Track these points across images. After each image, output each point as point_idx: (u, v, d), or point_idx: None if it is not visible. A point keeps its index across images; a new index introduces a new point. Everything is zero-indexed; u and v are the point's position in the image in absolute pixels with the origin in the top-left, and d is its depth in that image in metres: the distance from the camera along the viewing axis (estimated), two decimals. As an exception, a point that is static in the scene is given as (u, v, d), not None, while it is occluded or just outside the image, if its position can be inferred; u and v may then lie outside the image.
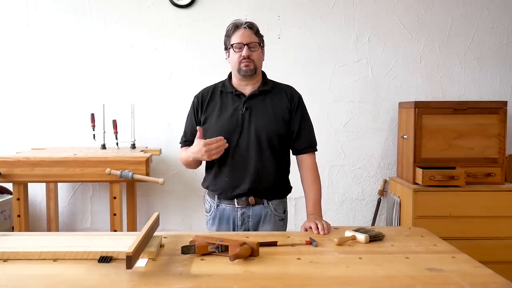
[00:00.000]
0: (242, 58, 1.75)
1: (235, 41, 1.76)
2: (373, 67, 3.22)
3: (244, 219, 1.82)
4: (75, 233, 1.57)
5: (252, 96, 1.81)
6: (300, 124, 1.84)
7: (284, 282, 1.17)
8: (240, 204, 1.81)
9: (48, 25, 3.14)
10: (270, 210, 1.83)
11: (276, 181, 1.84)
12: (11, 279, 1.18)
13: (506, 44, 3.23)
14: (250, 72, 1.77)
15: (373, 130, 3.24)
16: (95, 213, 3.22)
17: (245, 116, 1.78)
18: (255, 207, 1.81)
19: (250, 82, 1.82)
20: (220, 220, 1.85)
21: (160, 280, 1.17)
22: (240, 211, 1.81)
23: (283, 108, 1.82)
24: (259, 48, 1.79)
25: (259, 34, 1.82)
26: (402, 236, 1.60)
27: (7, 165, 2.50)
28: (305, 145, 1.86)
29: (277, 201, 1.86)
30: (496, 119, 2.86)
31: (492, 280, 1.18)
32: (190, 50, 3.17)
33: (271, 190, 1.83)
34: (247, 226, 1.83)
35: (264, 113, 1.79)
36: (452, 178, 2.77)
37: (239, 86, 1.84)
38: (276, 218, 1.85)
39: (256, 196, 1.81)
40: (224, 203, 1.84)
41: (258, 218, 1.82)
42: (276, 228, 1.85)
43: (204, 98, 1.87)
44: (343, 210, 3.27)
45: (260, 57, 1.81)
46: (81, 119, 3.07)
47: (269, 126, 1.78)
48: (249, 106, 1.80)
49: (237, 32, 1.77)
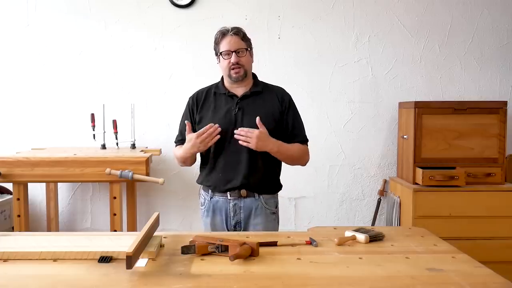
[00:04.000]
0: (232, 64, 1.85)
1: (223, 49, 1.86)
2: (373, 67, 3.22)
3: (236, 210, 1.89)
4: (75, 233, 1.57)
5: (244, 97, 1.91)
6: (293, 124, 1.94)
7: (284, 282, 1.17)
8: (232, 196, 1.88)
9: (48, 25, 3.14)
10: (261, 203, 1.90)
11: (266, 177, 1.92)
12: (11, 279, 1.18)
13: (506, 44, 3.23)
14: (240, 77, 1.88)
15: (373, 130, 3.24)
16: (95, 213, 3.22)
17: (238, 115, 1.87)
18: (246, 199, 1.89)
19: (242, 84, 1.92)
20: (213, 211, 1.93)
21: (160, 280, 1.17)
22: (232, 203, 1.89)
23: (274, 108, 1.91)
24: (246, 53, 1.89)
25: (246, 38, 1.91)
26: (402, 236, 1.60)
27: (7, 165, 2.50)
28: (296, 139, 1.94)
29: (268, 196, 1.93)
30: (496, 119, 2.86)
31: (492, 280, 1.18)
32: (190, 50, 3.17)
33: (262, 185, 1.91)
34: (239, 218, 1.90)
35: (256, 113, 1.85)
36: (452, 178, 2.77)
37: (231, 88, 1.93)
38: (268, 211, 1.92)
39: (248, 190, 1.88)
40: (217, 196, 1.91)
41: (249, 210, 1.89)
42: (268, 221, 1.91)
43: (199, 99, 1.96)
44: (343, 210, 3.27)
45: (248, 61, 1.91)
46: (81, 119, 3.07)
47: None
48: (242, 107, 1.89)
49: (224, 40, 1.86)
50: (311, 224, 3.20)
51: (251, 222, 1.89)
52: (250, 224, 1.90)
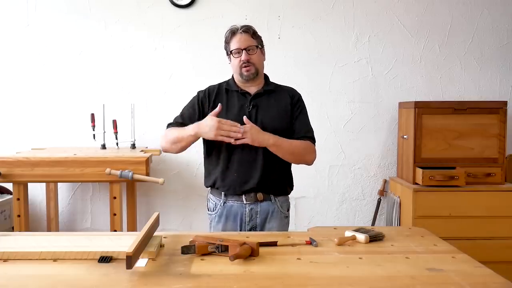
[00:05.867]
0: (242, 62, 1.82)
1: (234, 47, 1.83)
2: (373, 67, 3.22)
3: (252, 215, 1.85)
4: (75, 233, 1.57)
5: (258, 95, 1.87)
6: (298, 118, 1.89)
7: (284, 282, 1.17)
8: (248, 200, 1.84)
9: (48, 25, 3.14)
10: (277, 207, 1.88)
11: (282, 175, 1.89)
12: (11, 279, 1.18)
13: (506, 44, 3.23)
14: (251, 76, 1.84)
15: (373, 130, 3.24)
16: (95, 213, 3.22)
17: (252, 113, 1.84)
18: (263, 203, 1.85)
19: (254, 83, 1.89)
20: (227, 217, 1.87)
21: (160, 280, 1.17)
22: (249, 207, 1.85)
23: (286, 105, 1.89)
24: (257, 50, 1.85)
25: (256, 35, 1.87)
26: (402, 236, 1.60)
27: (7, 165, 2.50)
28: (302, 134, 1.87)
29: (283, 198, 1.91)
30: (496, 119, 2.86)
31: (492, 280, 1.18)
32: (190, 50, 3.17)
33: (278, 184, 1.88)
34: (255, 223, 1.86)
35: (270, 110, 1.85)
36: (452, 178, 2.77)
37: (243, 87, 1.89)
38: (282, 215, 1.90)
39: (264, 192, 1.84)
40: (232, 200, 1.86)
41: (265, 214, 1.86)
42: (282, 225, 1.89)
43: (211, 93, 1.90)
44: (343, 210, 3.27)
45: (259, 58, 1.87)
46: (81, 119, 3.07)
47: (275, 121, 1.84)
48: (256, 104, 1.86)
49: (234, 38, 1.84)
50: (311, 224, 3.20)
51: (267, 227, 1.86)
52: (265, 228, 1.86)
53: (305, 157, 1.86)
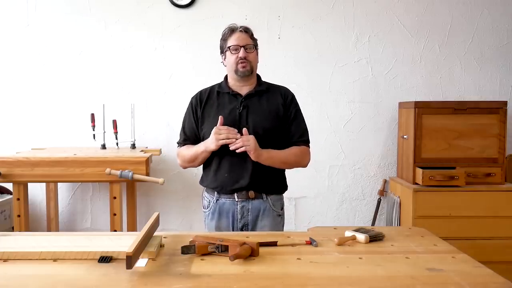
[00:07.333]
0: (239, 59, 1.84)
1: (232, 44, 1.85)
2: (373, 67, 3.22)
3: (243, 212, 1.87)
4: (75, 233, 1.57)
5: (249, 96, 1.89)
6: (292, 120, 1.91)
7: (284, 282, 1.17)
8: (240, 198, 1.86)
9: (48, 25, 3.14)
10: (269, 205, 1.89)
11: (274, 176, 1.89)
12: (11, 279, 1.18)
13: (506, 44, 3.23)
14: (247, 72, 1.86)
15: (373, 130, 3.24)
16: (95, 213, 3.22)
17: (242, 114, 1.86)
18: (254, 201, 1.87)
19: (247, 83, 1.91)
20: (219, 214, 1.89)
21: (160, 280, 1.17)
22: (240, 205, 1.86)
23: (278, 105, 1.90)
24: (254, 50, 1.89)
25: (254, 38, 1.92)
26: (402, 236, 1.60)
27: (7, 165, 2.50)
28: (296, 138, 1.90)
29: (275, 197, 1.92)
30: (496, 119, 2.86)
31: (492, 280, 1.18)
32: (190, 50, 3.17)
33: (270, 184, 1.89)
34: (246, 220, 1.87)
35: (261, 110, 1.86)
36: (452, 178, 2.77)
37: (236, 87, 1.91)
38: (274, 213, 1.90)
39: (255, 190, 1.86)
40: (224, 198, 1.88)
41: (257, 212, 1.87)
42: (274, 223, 1.89)
43: (202, 98, 1.94)
44: (343, 210, 3.27)
45: (255, 58, 1.91)
46: (81, 119, 3.07)
47: (265, 122, 1.85)
48: (246, 105, 1.88)
49: (233, 35, 1.86)
50: (311, 224, 3.20)
51: (258, 224, 1.87)
52: (257, 226, 1.87)
53: (298, 163, 1.92)
